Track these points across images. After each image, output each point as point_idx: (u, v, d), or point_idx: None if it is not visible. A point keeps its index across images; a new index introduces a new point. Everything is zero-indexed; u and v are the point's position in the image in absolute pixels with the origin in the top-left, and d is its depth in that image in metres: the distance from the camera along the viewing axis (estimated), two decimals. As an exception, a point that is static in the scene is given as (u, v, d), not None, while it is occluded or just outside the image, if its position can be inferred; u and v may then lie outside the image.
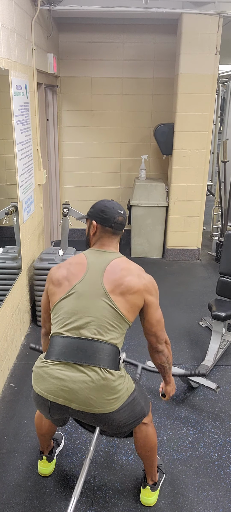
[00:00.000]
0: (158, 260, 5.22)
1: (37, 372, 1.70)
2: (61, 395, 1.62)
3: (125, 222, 1.90)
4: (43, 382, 1.66)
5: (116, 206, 1.87)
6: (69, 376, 1.62)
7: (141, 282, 1.75)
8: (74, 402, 1.61)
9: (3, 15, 2.64)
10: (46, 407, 1.69)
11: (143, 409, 1.83)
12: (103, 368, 1.63)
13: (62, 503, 2.04)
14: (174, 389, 2.03)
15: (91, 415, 1.65)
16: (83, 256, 1.82)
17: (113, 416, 1.66)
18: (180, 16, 4.39)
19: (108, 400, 1.62)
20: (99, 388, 1.60)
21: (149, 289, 1.77)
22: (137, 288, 1.73)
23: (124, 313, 1.71)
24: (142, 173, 5.18)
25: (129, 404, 1.71)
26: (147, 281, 1.78)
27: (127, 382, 1.73)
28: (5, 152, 3.12)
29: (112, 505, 2.04)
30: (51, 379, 1.64)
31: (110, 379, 1.63)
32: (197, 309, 3.99)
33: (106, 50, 5.14)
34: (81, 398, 1.60)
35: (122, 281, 1.72)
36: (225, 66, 7.99)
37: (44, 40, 4.10)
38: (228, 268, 3.23)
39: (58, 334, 1.71)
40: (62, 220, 3.77)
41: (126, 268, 1.77)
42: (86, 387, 1.60)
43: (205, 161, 4.80)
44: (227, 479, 2.19)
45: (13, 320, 3.06)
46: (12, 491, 2.10)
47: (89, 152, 5.52)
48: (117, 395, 1.64)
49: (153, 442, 1.93)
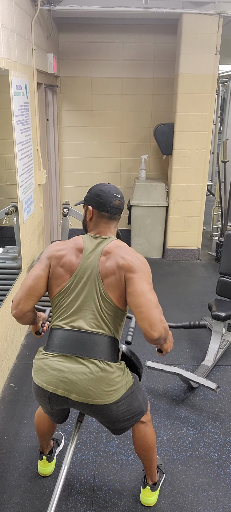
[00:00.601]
0: (158, 260, 5.22)
1: (37, 364, 1.72)
2: (60, 386, 1.63)
3: (122, 206, 1.82)
4: (43, 373, 1.67)
5: (112, 189, 1.80)
6: (69, 367, 1.63)
7: (120, 262, 1.65)
8: (73, 393, 1.62)
9: (3, 15, 2.64)
10: (46, 399, 1.70)
11: (141, 406, 1.83)
12: (102, 360, 1.64)
13: (62, 503, 2.04)
14: (171, 345, 1.81)
15: (90, 406, 1.65)
16: (81, 241, 1.76)
17: (112, 408, 1.67)
18: (180, 16, 4.39)
19: (107, 392, 1.63)
20: (98, 380, 1.61)
21: (128, 267, 1.64)
22: (112, 270, 1.65)
23: (116, 304, 1.68)
24: (142, 173, 5.18)
25: (127, 398, 1.72)
26: (128, 260, 1.65)
27: (126, 376, 1.74)
28: (5, 152, 3.12)
29: (112, 505, 2.04)
30: (51, 371, 1.65)
31: (109, 371, 1.64)
32: (197, 309, 3.99)
33: (106, 50, 5.14)
34: (80, 389, 1.61)
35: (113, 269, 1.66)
36: (225, 66, 7.99)
37: (44, 40, 4.10)
38: (228, 268, 3.23)
39: (58, 326, 1.72)
40: (62, 220, 3.77)
41: (116, 254, 1.68)
42: (86, 379, 1.61)
43: (205, 161, 4.80)
44: (227, 479, 2.19)
45: (13, 320, 3.06)
46: (12, 491, 2.10)
47: (89, 152, 5.52)
48: (115, 387, 1.65)
49: (152, 442, 1.93)
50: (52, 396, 1.68)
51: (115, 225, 1.83)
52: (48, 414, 1.88)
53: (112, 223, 1.81)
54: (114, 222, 1.82)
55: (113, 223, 1.82)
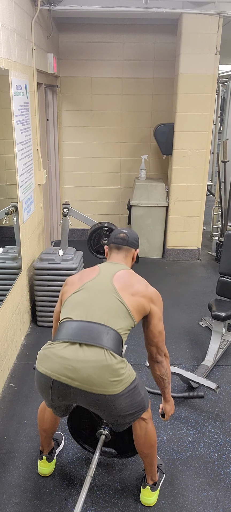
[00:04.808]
0: (158, 260, 5.22)
1: (42, 353, 1.75)
2: (64, 374, 1.65)
3: (127, 238, 2.10)
4: (47, 361, 1.70)
5: (122, 229, 2.16)
6: (74, 355, 1.66)
7: (148, 290, 1.92)
8: (77, 381, 1.64)
9: (3, 15, 2.64)
10: (48, 387, 1.71)
11: (143, 401, 1.85)
12: (107, 350, 1.67)
13: (62, 503, 2.04)
14: (173, 409, 2.10)
15: (93, 396, 1.66)
16: (97, 266, 2.03)
17: (115, 400, 1.68)
18: (180, 16, 4.39)
19: (110, 382, 1.65)
20: (102, 368, 1.64)
21: (154, 299, 1.92)
22: (144, 293, 1.89)
23: (130, 309, 1.82)
24: (142, 173, 5.18)
25: (130, 391, 1.73)
26: (153, 291, 1.94)
27: (128, 369, 1.77)
28: (5, 152, 3.12)
29: (112, 505, 2.04)
30: (56, 358, 1.68)
31: (113, 361, 1.67)
32: (197, 309, 3.99)
33: (106, 50, 5.14)
34: (84, 376, 1.63)
35: (130, 284, 1.89)
36: (225, 66, 7.98)
37: (44, 40, 4.10)
38: (228, 268, 3.23)
39: (67, 319, 1.79)
40: (62, 220, 3.77)
41: (134, 277, 1.96)
42: (90, 366, 1.64)
43: (205, 161, 4.80)
44: (227, 479, 2.19)
45: (13, 320, 3.06)
46: (12, 491, 2.10)
47: (89, 152, 5.52)
48: (119, 378, 1.67)
49: (153, 440, 1.95)
50: (54, 385, 1.69)
51: (124, 255, 2.09)
52: (51, 407, 1.90)
53: (121, 253, 2.09)
54: (123, 253, 2.09)
55: (122, 253, 2.09)
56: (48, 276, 3.47)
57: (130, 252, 2.11)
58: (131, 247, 2.11)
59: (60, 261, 3.52)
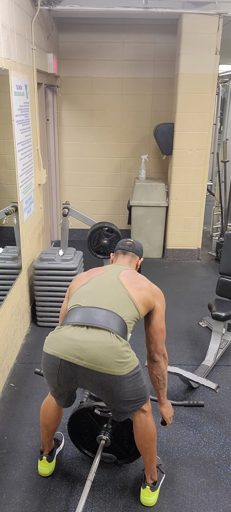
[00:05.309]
0: (158, 260, 5.22)
1: (51, 337, 1.82)
2: (72, 353, 1.71)
3: (133, 245, 2.25)
4: (56, 343, 1.77)
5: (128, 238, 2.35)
6: (81, 336, 1.74)
7: (152, 287, 2.02)
8: (84, 360, 1.70)
9: (3, 15, 2.64)
10: (55, 367, 1.76)
11: (145, 389, 1.87)
12: (113, 333, 1.75)
13: (62, 503, 2.04)
14: (169, 412, 2.13)
15: (99, 375, 1.70)
16: (104, 266, 2.14)
17: (120, 382, 1.72)
18: (180, 16, 4.39)
19: (116, 362, 1.70)
20: (108, 349, 1.70)
21: (158, 296, 2.01)
22: (149, 289, 1.99)
23: (136, 302, 1.89)
24: (142, 173, 5.18)
25: (134, 376, 1.77)
26: (157, 288, 2.05)
27: (133, 354, 1.81)
28: (5, 152, 3.12)
29: (112, 505, 2.04)
30: (64, 340, 1.75)
31: (119, 343, 1.73)
32: (197, 309, 3.99)
33: (106, 50, 5.14)
34: (91, 355, 1.69)
35: (136, 281, 1.99)
36: (225, 66, 7.98)
37: (44, 40, 4.10)
38: (228, 268, 3.23)
39: (75, 305, 1.87)
40: (62, 220, 3.77)
41: (138, 275, 2.07)
42: (96, 347, 1.70)
43: (205, 161, 4.80)
44: (227, 479, 2.19)
45: (13, 320, 3.06)
46: (12, 491, 2.10)
47: (89, 152, 5.52)
48: (125, 360, 1.73)
49: (153, 433, 1.96)
50: (62, 365, 1.74)
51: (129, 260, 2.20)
52: (55, 395, 1.93)
53: (127, 257, 2.21)
54: (128, 257, 2.21)
55: (127, 258, 2.21)
56: (48, 276, 3.47)
57: (135, 258, 2.23)
58: (136, 254, 2.24)
59: (60, 261, 3.52)
